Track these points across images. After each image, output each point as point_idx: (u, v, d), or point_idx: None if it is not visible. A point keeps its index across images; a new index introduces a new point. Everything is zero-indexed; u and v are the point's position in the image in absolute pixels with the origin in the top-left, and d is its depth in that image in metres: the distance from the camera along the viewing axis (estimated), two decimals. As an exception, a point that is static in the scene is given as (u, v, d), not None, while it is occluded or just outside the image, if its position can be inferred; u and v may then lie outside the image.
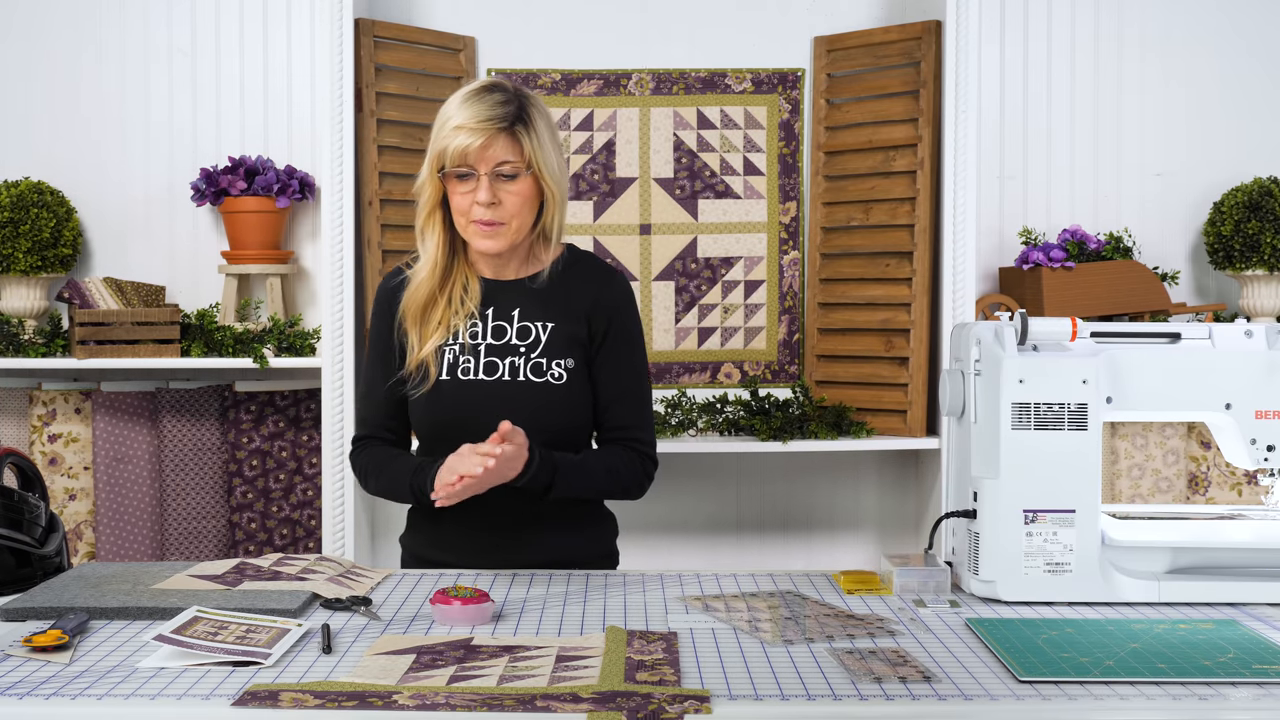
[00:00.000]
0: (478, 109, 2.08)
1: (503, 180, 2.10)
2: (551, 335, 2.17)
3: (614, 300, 2.21)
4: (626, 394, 2.21)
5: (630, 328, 2.22)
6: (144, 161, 3.54)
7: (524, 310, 2.19)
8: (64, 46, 3.53)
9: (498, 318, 2.19)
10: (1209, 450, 3.40)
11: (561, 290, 2.20)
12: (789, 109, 3.58)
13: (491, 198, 2.09)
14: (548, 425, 2.14)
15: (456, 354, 2.17)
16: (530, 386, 2.15)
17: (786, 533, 3.68)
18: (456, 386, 2.16)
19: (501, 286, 2.21)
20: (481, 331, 2.18)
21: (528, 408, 2.13)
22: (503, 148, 2.09)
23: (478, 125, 2.07)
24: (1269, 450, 1.97)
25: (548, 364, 2.16)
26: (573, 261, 2.24)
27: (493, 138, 2.08)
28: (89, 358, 3.26)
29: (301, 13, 3.51)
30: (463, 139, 2.07)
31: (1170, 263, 3.60)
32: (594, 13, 3.58)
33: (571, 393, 2.16)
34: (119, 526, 3.37)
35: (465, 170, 2.09)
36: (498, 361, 2.16)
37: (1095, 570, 1.88)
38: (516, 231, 2.14)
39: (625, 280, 2.26)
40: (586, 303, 2.19)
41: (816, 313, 3.55)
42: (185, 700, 1.43)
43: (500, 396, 2.14)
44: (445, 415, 2.16)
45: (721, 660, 1.58)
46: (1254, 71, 3.62)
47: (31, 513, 2.00)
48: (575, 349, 2.17)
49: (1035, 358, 1.92)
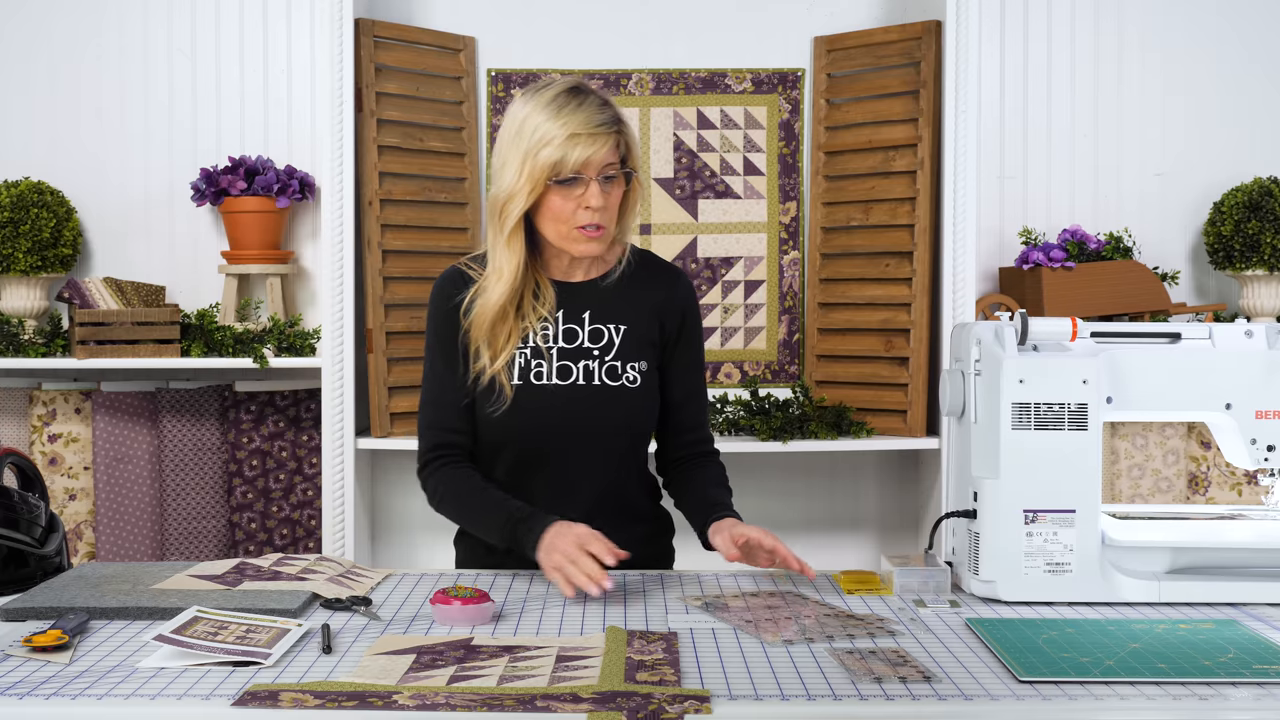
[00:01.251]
0: (588, 115, 2.04)
1: (606, 182, 2.07)
2: (625, 338, 2.15)
3: (683, 299, 2.21)
4: (697, 393, 2.23)
5: (698, 326, 2.23)
6: (144, 161, 3.54)
7: (595, 312, 2.16)
8: (64, 47, 3.53)
9: (568, 320, 2.15)
10: (1209, 450, 3.40)
11: (631, 291, 2.17)
12: (789, 109, 3.58)
13: (601, 202, 2.06)
14: (623, 428, 2.14)
15: (528, 358, 2.12)
16: (606, 390, 2.12)
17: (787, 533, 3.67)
18: (530, 392, 2.11)
19: (570, 289, 2.17)
20: (553, 335, 2.14)
21: (604, 411, 2.12)
22: (610, 151, 2.07)
23: (595, 131, 2.03)
24: (1269, 450, 1.97)
25: (622, 367, 2.14)
26: (638, 261, 2.21)
27: (604, 141, 2.05)
28: (89, 358, 3.26)
29: (301, 13, 3.51)
30: (584, 147, 2.03)
31: (1170, 263, 3.60)
32: (594, 13, 3.58)
33: (647, 395, 2.15)
34: (119, 526, 3.37)
35: (574, 176, 2.05)
36: (571, 365, 2.13)
37: (1095, 570, 1.88)
38: (612, 232, 2.13)
39: (689, 279, 2.27)
40: (657, 303, 2.18)
41: (816, 313, 3.55)
42: (185, 700, 1.43)
43: (576, 401, 2.11)
44: (519, 422, 2.11)
45: (721, 660, 1.58)
46: (1254, 71, 3.62)
47: (31, 513, 2.00)
48: (647, 350, 2.16)
49: (1035, 358, 1.92)
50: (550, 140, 2.03)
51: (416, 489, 2.33)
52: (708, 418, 2.26)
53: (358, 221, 3.34)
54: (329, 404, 3.29)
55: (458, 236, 3.50)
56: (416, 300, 3.42)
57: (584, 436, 2.12)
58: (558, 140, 2.03)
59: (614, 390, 2.12)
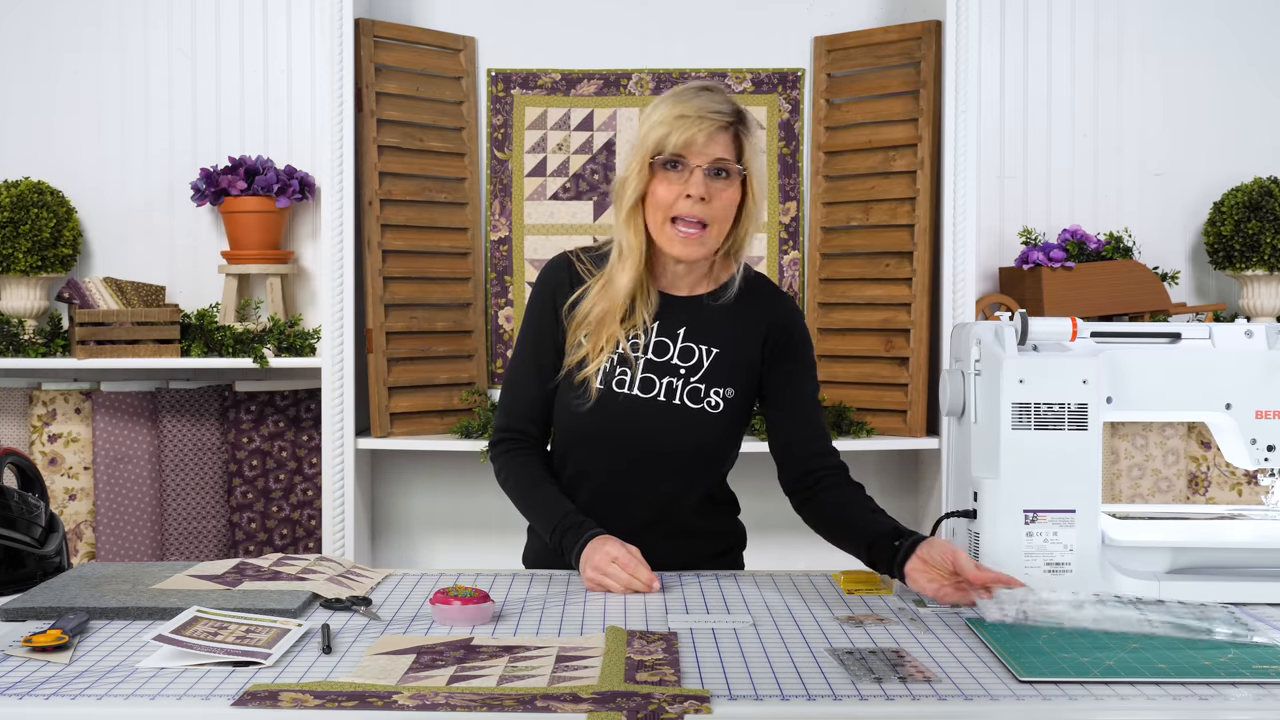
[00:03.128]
0: (702, 101, 2.01)
1: (714, 178, 2.02)
2: (715, 361, 2.09)
3: (788, 318, 2.13)
4: (816, 407, 2.15)
5: (808, 346, 2.15)
6: (144, 161, 3.54)
7: (690, 330, 2.09)
8: (64, 47, 3.53)
9: (661, 333, 2.09)
10: (1209, 450, 3.40)
11: (733, 313, 2.11)
12: (789, 109, 3.58)
13: (704, 192, 2.00)
14: (694, 452, 2.10)
15: (614, 363, 2.08)
16: (685, 412, 2.08)
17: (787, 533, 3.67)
18: (609, 398, 2.07)
19: (671, 301, 2.11)
20: (644, 345, 2.09)
21: (678, 433, 2.08)
22: (722, 145, 2.02)
23: (704, 115, 2.00)
24: (1269, 450, 1.97)
25: (706, 390, 2.08)
26: (747, 283, 2.13)
27: (716, 132, 2.01)
28: (89, 358, 3.26)
29: (301, 13, 3.51)
30: (688, 128, 1.99)
31: (1170, 263, 3.60)
32: (594, 13, 3.58)
33: (725, 422, 2.10)
34: (119, 526, 3.37)
35: (679, 159, 2.01)
36: (654, 379, 2.08)
37: (1095, 570, 1.88)
38: (716, 238, 2.05)
39: (793, 302, 2.19)
40: (763, 326, 2.11)
41: (816, 312, 3.54)
42: (185, 700, 1.43)
43: (653, 416, 2.07)
44: (593, 425, 2.09)
45: (721, 660, 1.58)
46: (1254, 72, 3.62)
47: (31, 513, 2.00)
48: (738, 376, 2.10)
49: (1035, 358, 1.92)
50: (661, 120, 2.01)
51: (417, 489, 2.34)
52: (827, 434, 2.17)
53: (358, 221, 3.34)
54: (329, 404, 3.29)
55: (458, 236, 3.50)
56: (417, 300, 3.42)
57: (652, 453, 2.09)
58: (666, 120, 2.00)
59: (693, 413, 2.08)
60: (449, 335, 3.49)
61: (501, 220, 3.57)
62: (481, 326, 3.54)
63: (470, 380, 3.50)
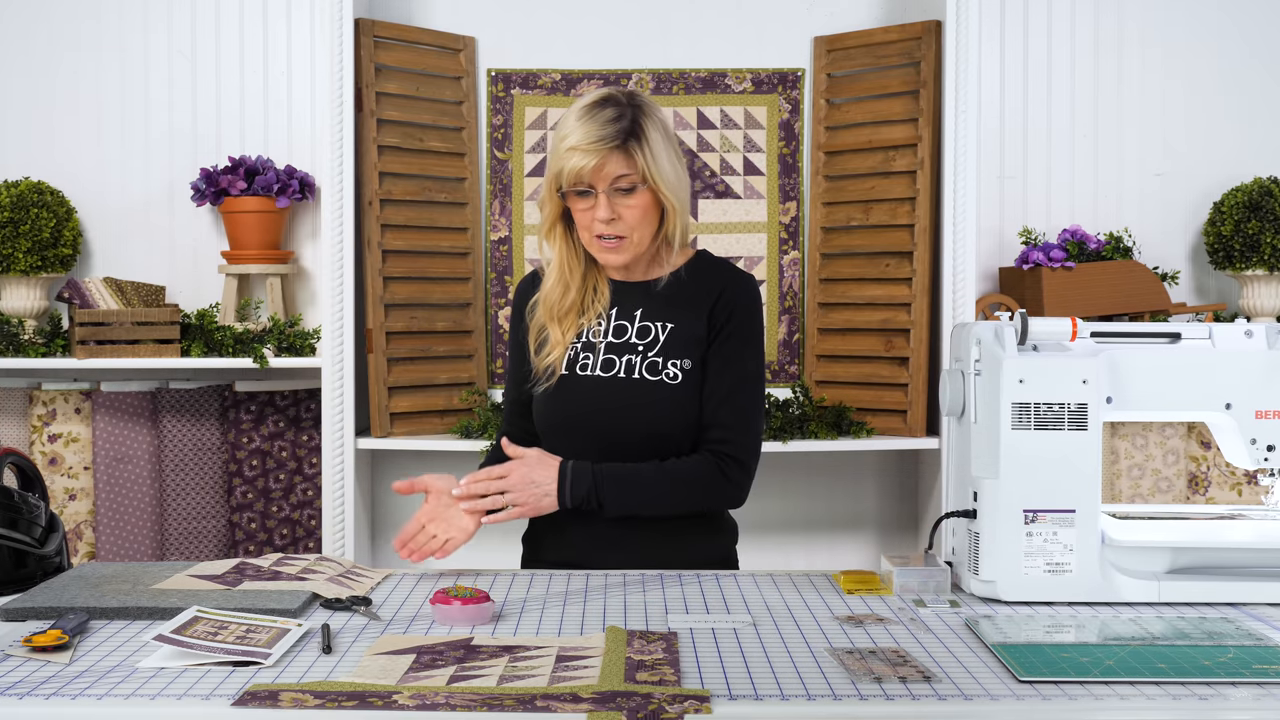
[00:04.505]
0: (590, 128, 2.09)
1: (620, 194, 2.11)
2: (670, 335, 2.18)
3: (737, 297, 2.20)
4: (730, 391, 2.18)
5: (747, 327, 2.20)
6: (144, 161, 3.54)
7: (646, 311, 2.21)
8: (64, 47, 3.53)
9: (620, 317, 2.21)
10: (1209, 450, 3.40)
11: (687, 290, 2.20)
12: (789, 109, 3.58)
13: (610, 214, 2.11)
14: (660, 423, 2.16)
15: (578, 350, 2.21)
16: (645, 384, 2.16)
17: (786, 533, 3.68)
18: (574, 382, 2.19)
19: (627, 288, 2.23)
20: (604, 330, 2.21)
21: (641, 405, 2.16)
22: (617, 163, 2.10)
23: (590, 146, 2.08)
24: (1269, 450, 1.97)
25: (664, 363, 2.17)
26: (702, 265, 2.24)
27: (606, 156, 2.09)
28: (89, 358, 3.26)
29: (301, 13, 3.51)
30: (577, 159, 2.09)
31: (1170, 263, 3.60)
32: (594, 13, 3.58)
33: (685, 392, 2.17)
34: (119, 526, 3.37)
35: (583, 188, 2.12)
36: (615, 359, 2.19)
37: (1095, 570, 1.88)
38: (638, 244, 2.16)
39: (753, 283, 2.25)
40: (710, 300, 2.19)
41: (816, 313, 3.55)
42: (185, 700, 1.43)
43: (615, 393, 2.17)
44: (561, 410, 2.20)
45: (721, 660, 1.58)
46: (1254, 71, 3.62)
47: (31, 513, 2.00)
48: (693, 349, 2.18)
49: (1035, 358, 1.92)
50: (557, 151, 2.13)
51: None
52: (739, 422, 2.18)
53: (358, 221, 3.34)
54: (329, 404, 3.29)
55: (458, 236, 3.50)
56: (417, 300, 3.42)
57: (619, 427, 2.16)
58: (559, 152, 2.13)
59: (652, 384, 2.16)
60: (449, 335, 3.49)
61: (501, 220, 3.57)
62: (481, 326, 3.54)
63: (470, 380, 3.50)
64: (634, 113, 2.12)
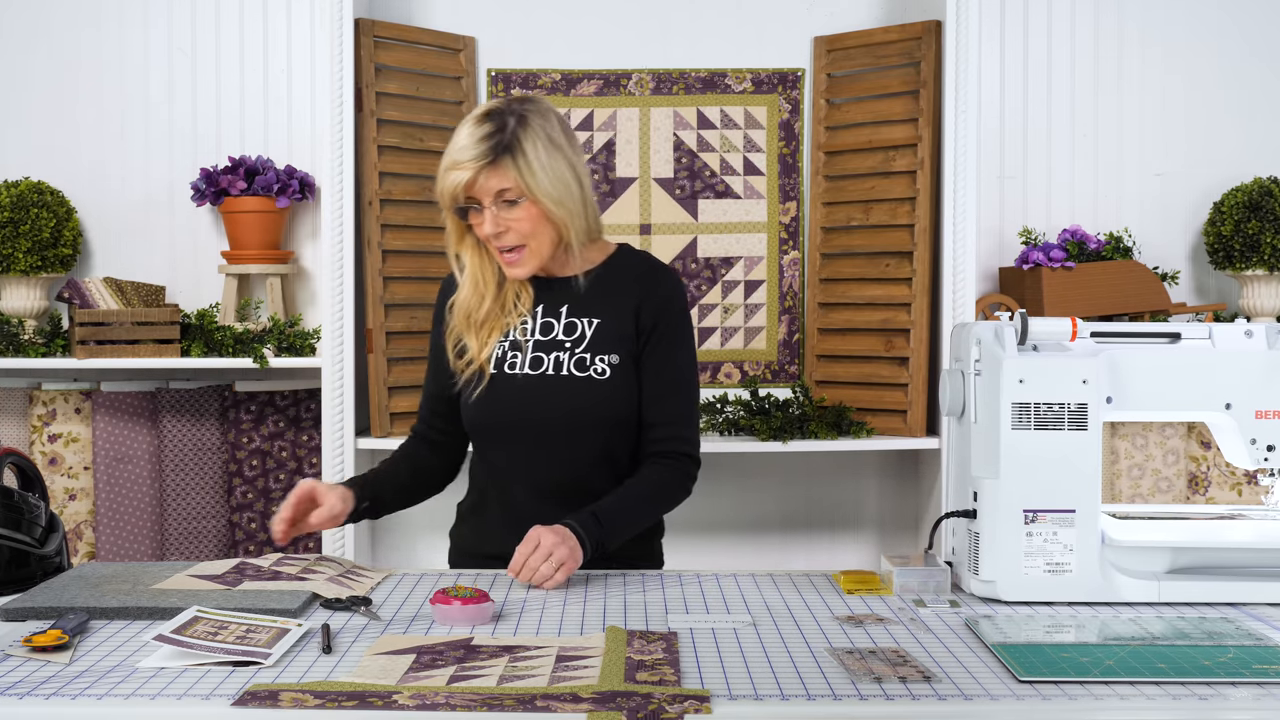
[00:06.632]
0: (463, 145, 2.10)
1: (507, 206, 2.11)
2: (597, 331, 2.19)
3: (661, 297, 2.22)
4: (669, 391, 2.21)
5: (676, 325, 2.22)
6: (144, 161, 3.54)
7: (572, 307, 2.21)
8: (64, 46, 3.53)
9: (546, 315, 2.22)
10: (1209, 450, 3.40)
11: (611, 287, 2.21)
12: (789, 109, 3.58)
13: (497, 227, 2.12)
14: (591, 419, 2.17)
15: (506, 350, 2.21)
16: (573, 381, 2.17)
17: (786, 533, 3.68)
18: (503, 381, 2.19)
19: (552, 284, 2.23)
20: (531, 329, 2.21)
21: (570, 402, 2.16)
22: (499, 176, 2.09)
23: (465, 163, 2.09)
24: (1269, 450, 1.97)
25: (591, 359, 2.18)
26: (624, 260, 2.26)
27: (481, 171, 2.09)
28: (89, 358, 3.26)
29: (301, 13, 3.51)
30: (454, 176, 2.10)
31: (1170, 263, 3.60)
32: (594, 13, 3.58)
33: (614, 388, 2.17)
34: (119, 526, 3.37)
35: (470, 204, 2.13)
36: (543, 357, 2.19)
37: (1095, 570, 1.88)
38: (538, 252, 2.15)
39: (675, 277, 2.27)
40: (634, 300, 2.20)
41: (816, 313, 3.55)
42: (185, 700, 1.43)
43: (544, 391, 2.17)
44: (492, 410, 2.20)
45: (721, 660, 1.58)
46: (1254, 71, 3.62)
47: (31, 513, 2.00)
48: (621, 345, 2.19)
49: (1035, 358, 1.92)
50: (440, 171, 2.14)
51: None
52: (685, 417, 2.22)
53: (358, 221, 3.34)
54: (329, 404, 3.29)
55: (458, 236, 3.50)
56: (416, 300, 3.42)
57: (550, 425, 2.17)
58: (441, 172, 2.13)
59: (581, 381, 2.17)
60: (449, 335, 3.48)
61: (501, 220, 3.57)
62: (481, 326, 3.54)
63: (470, 380, 3.50)
64: (514, 125, 2.10)
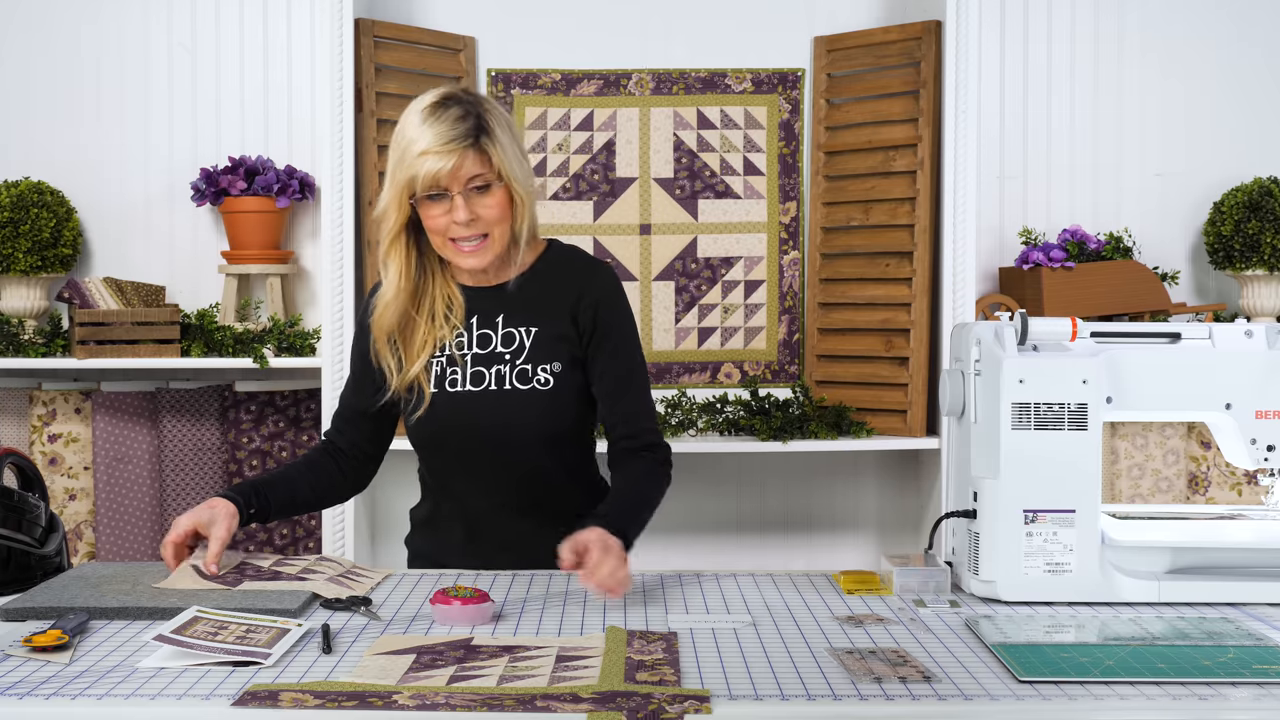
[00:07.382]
0: (439, 130, 2.03)
1: (476, 194, 2.06)
2: (536, 340, 2.15)
3: (598, 294, 2.17)
4: (625, 386, 2.18)
5: (618, 319, 2.18)
6: (144, 161, 3.54)
7: (507, 316, 2.16)
8: (64, 46, 3.53)
9: (482, 326, 2.16)
10: (1209, 450, 3.40)
11: (545, 290, 2.16)
12: (789, 109, 3.58)
13: (469, 214, 2.05)
14: (537, 431, 2.14)
15: (444, 366, 2.15)
16: (516, 394, 2.13)
17: (786, 533, 3.68)
18: (446, 399, 2.15)
19: (483, 294, 2.18)
20: (467, 342, 2.16)
21: (516, 416, 2.13)
22: (472, 163, 2.04)
23: (444, 147, 2.02)
24: (1269, 450, 1.97)
25: (533, 370, 2.13)
26: (555, 258, 2.20)
27: (462, 155, 2.03)
28: (89, 358, 3.26)
29: (301, 13, 3.51)
30: (432, 163, 2.02)
31: (1170, 263, 3.60)
32: (594, 13, 3.58)
33: (559, 396, 2.14)
34: (119, 526, 3.37)
35: (438, 192, 2.05)
36: (484, 371, 2.14)
37: (1095, 570, 1.88)
38: (499, 241, 2.10)
39: (609, 270, 2.22)
40: (570, 299, 2.16)
41: (816, 313, 3.55)
42: (185, 700, 1.43)
43: (488, 406, 2.13)
44: (437, 428, 2.16)
45: (721, 660, 1.58)
46: (1254, 71, 3.62)
47: (31, 513, 2.00)
48: (562, 349, 2.15)
49: (1035, 358, 1.92)
50: (406, 158, 2.05)
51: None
52: (647, 408, 2.20)
53: (358, 221, 3.34)
54: (329, 404, 3.29)
55: (458, 236, 3.50)
56: (416, 300, 3.41)
57: (498, 441, 2.14)
58: (411, 158, 2.04)
59: (525, 394, 2.13)
60: (449, 335, 3.49)
61: (501, 220, 3.57)
62: (481, 326, 3.54)
63: (470, 380, 3.50)
64: (479, 109, 2.07)
